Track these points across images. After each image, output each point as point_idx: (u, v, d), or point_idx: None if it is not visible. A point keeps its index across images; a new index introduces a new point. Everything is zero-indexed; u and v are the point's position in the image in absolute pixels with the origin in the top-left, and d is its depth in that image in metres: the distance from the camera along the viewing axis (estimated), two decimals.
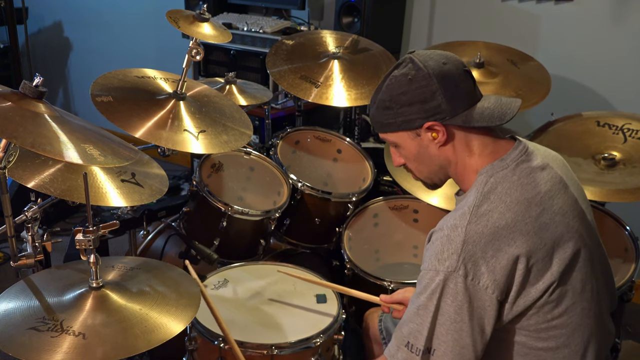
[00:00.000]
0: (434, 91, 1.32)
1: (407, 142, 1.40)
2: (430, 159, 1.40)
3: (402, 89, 1.34)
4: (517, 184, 1.30)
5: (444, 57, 1.35)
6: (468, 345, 1.26)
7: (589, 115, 2.30)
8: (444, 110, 1.32)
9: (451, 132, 1.36)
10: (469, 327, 1.25)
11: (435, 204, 2.22)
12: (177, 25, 1.90)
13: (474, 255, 1.24)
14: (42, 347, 1.20)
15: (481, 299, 1.24)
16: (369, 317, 1.88)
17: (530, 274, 1.26)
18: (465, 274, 1.24)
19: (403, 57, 1.39)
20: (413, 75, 1.33)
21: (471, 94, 1.36)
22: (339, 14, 3.27)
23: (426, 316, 1.27)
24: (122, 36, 4.59)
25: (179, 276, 1.51)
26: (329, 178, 2.63)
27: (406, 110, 1.35)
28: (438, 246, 1.28)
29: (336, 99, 2.47)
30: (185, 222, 2.28)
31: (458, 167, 1.39)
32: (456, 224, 1.27)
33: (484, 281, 1.24)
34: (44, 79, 1.31)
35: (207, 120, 1.87)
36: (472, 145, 1.37)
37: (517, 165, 1.32)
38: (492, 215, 1.26)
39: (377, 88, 1.41)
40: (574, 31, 2.93)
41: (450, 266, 1.24)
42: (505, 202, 1.28)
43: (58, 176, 1.63)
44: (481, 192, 1.30)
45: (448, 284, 1.25)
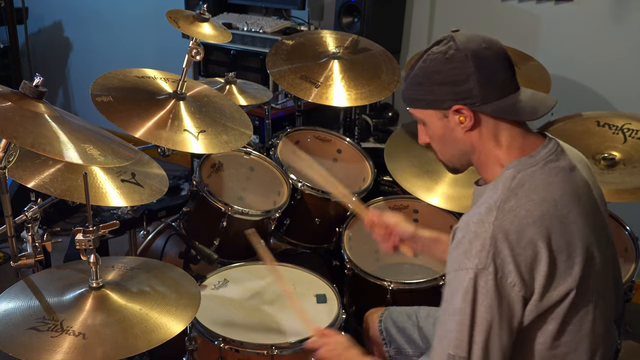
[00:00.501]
0: (468, 74, 1.28)
1: (434, 121, 1.37)
2: (454, 142, 1.37)
3: (437, 67, 1.31)
4: (545, 182, 1.28)
5: (486, 42, 1.31)
6: (496, 345, 1.23)
7: (589, 115, 2.30)
8: (475, 96, 1.29)
9: (479, 118, 1.32)
10: (498, 326, 1.22)
11: (436, 204, 2.22)
12: (177, 25, 1.90)
13: (501, 252, 1.21)
14: (42, 347, 1.20)
15: (509, 297, 1.22)
16: (369, 318, 1.88)
17: (554, 274, 1.23)
18: (495, 271, 1.21)
19: (445, 35, 1.34)
20: (451, 54, 1.29)
21: (507, 84, 1.32)
22: (339, 14, 3.27)
23: (464, 320, 1.22)
24: (122, 36, 4.59)
25: (179, 276, 1.51)
26: None
27: (437, 89, 1.31)
28: (465, 244, 1.24)
29: (336, 99, 2.47)
30: (185, 222, 2.28)
31: (482, 156, 1.36)
32: (482, 220, 1.24)
33: (511, 279, 1.21)
34: (44, 79, 1.31)
35: (207, 120, 1.87)
36: (500, 136, 1.33)
37: (546, 164, 1.30)
38: (519, 212, 1.24)
39: (414, 62, 1.37)
40: (574, 31, 2.93)
41: (480, 263, 1.21)
42: (532, 200, 1.25)
43: (58, 176, 1.63)
44: (508, 187, 1.27)
45: (479, 282, 1.21)
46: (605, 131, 2.23)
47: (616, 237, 2.08)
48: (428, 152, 2.37)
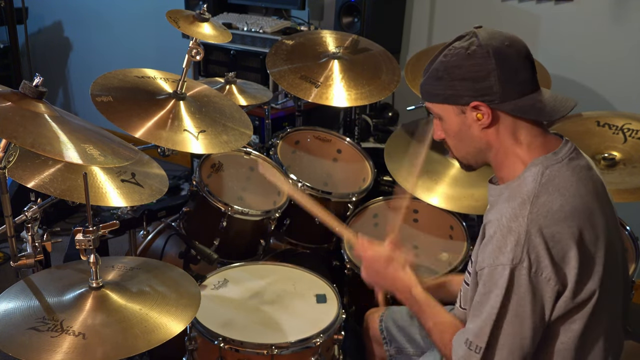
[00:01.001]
0: (489, 71, 1.27)
1: (451, 117, 1.36)
2: (470, 139, 1.36)
3: (458, 62, 1.30)
4: (572, 179, 1.28)
5: (508, 39, 1.30)
6: (529, 337, 1.24)
7: (589, 115, 2.29)
8: (495, 93, 1.28)
9: (497, 116, 1.31)
10: (531, 319, 1.23)
11: (436, 204, 2.22)
12: (177, 25, 1.90)
13: (537, 246, 1.21)
14: (42, 347, 1.20)
15: (543, 290, 1.22)
16: (369, 317, 1.88)
17: (584, 270, 1.23)
18: (530, 266, 1.21)
19: (468, 31, 1.33)
20: (473, 50, 1.28)
21: (527, 83, 1.31)
22: (339, 14, 3.27)
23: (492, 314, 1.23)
24: (122, 36, 4.59)
25: (179, 276, 1.51)
26: (329, 178, 2.63)
27: (457, 84, 1.31)
28: (499, 238, 1.24)
29: (336, 99, 2.47)
30: (185, 222, 2.28)
31: (499, 154, 1.35)
32: (516, 214, 1.24)
33: (547, 273, 1.21)
34: (44, 79, 1.31)
35: (207, 120, 1.87)
36: (520, 135, 1.33)
37: (570, 161, 1.30)
38: (552, 206, 1.24)
39: (434, 56, 1.36)
40: (574, 31, 2.93)
41: (515, 258, 1.21)
42: (563, 195, 1.25)
43: (58, 176, 1.63)
44: (539, 182, 1.27)
45: (514, 277, 1.22)
46: (605, 131, 2.23)
47: None
48: (428, 152, 2.38)
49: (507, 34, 1.32)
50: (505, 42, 1.29)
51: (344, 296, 2.18)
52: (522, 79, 1.31)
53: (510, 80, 1.29)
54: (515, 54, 1.30)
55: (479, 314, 1.27)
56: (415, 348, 1.76)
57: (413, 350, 1.76)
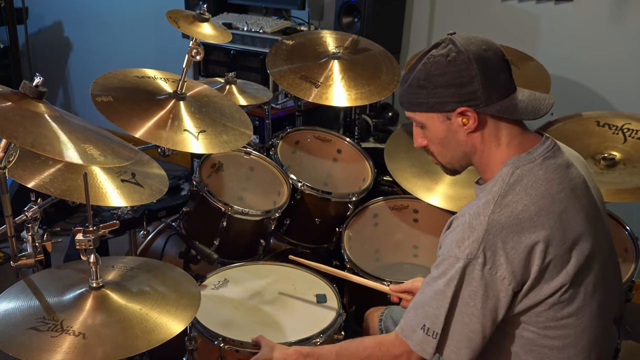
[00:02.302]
0: (472, 76, 1.29)
1: (435, 124, 1.38)
2: (456, 144, 1.38)
3: (440, 69, 1.31)
4: (542, 178, 1.29)
5: (485, 43, 1.33)
6: (477, 330, 1.27)
7: (589, 115, 2.30)
8: (479, 97, 1.30)
9: (482, 120, 1.34)
10: (480, 313, 1.26)
11: (436, 204, 2.22)
12: (177, 25, 1.90)
13: (494, 244, 1.24)
14: (42, 347, 1.20)
15: (496, 289, 1.25)
16: (369, 317, 1.88)
17: (547, 269, 1.26)
18: (484, 263, 1.24)
19: (443, 38, 1.35)
20: (453, 57, 1.30)
21: (507, 85, 1.34)
22: (339, 14, 3.27)
23: (444, 301, 1.28)
24: (122, 36, 4.59)
25: (179, 276, 1.51)
26: (329, 178, 2.63)
27: (441, 92, 1.32)
28: (459, 233, 1.28)
29: (336, 99, 2.47)
30: (185, 222, 2.28)
31: (483, 156, 1.38)
32: (479, 212, 1.27)
33: (501, 272, 1.24)
34: (44, 79, 1.31)
35: (207, 120, 1.87)
36: (501, 136, 1.35)
37: (544, 160, 1.32)
38: (516, 206, 1.26)
39: (412, 66, 1.38)
40: (574, 31, 2.93)
41: (470, 254, 1.25)
42: (530, 194, 1.27)
43: (58, 176, 1.63)
44: (507, 182, 1.29)
45: (466, 271, 1.25)
46: (605, 131, 2.23)
47: (616, 237, 2.08)
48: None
49: (482, 38, 1.35)
50: (483, 46, 1.32)
51: (344, 296, 2.19)
52: (503, 81, 1.33)
53: (493, 83, 1.31)
54: (494, 57, 1.32)
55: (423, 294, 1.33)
56: None
57: None
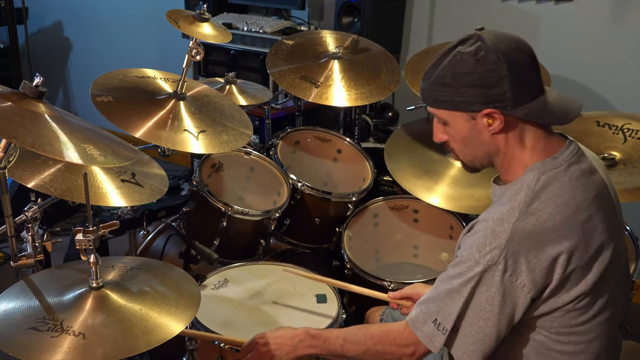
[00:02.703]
0: (501, 77, 1.24)
1: (459, 123, 1.33)
2: (479, 145, 1.34)
3: (468, 68, 1.26)
4: (567, 185, 1.27)
5: (514, 42, 1.28)
6: (492, 334, 1.26)
7: (589, 115, 2.30)
8: (507, 99, 1.26)
9: (508, 122, 1.29)
10: (497, 318, 1.25)
11: (436, 204, 2.22)
12: (177, 25, 1.90)
13: (516, 252, 1.22)
14: (42, 347, 1.20)
15: (515, 296, 1.23)
16: (370, 316, 1.88)
17: (569, 279, 1.24)
18: (504, 270, 1.22)
19: (470, 34, 1.30)
20: (482, 56, 1.25)
21: (536, 86, 1.29)
22: (339, 14, 3.27)
23: (458, 300, 1.26)
24: (122, 36, 4.59)
25: (179, 276, 1.51)
26: (329, 178, 2.63)
27: (467, 91, 1.27)
28: (481, 237, 1.25)
29: (336, 99, 2.47)
30: (185, 222, 2.28)
31: (506, 158, 1.34)
32: (503, 219, 1.24)
33: (522, 279, 1.22)
34: (44, 79, 1.31)
35: (207, 120, 1.87)
36: (525, 138, 1.31)
37: (569, 166, 1.29)
38: (541, 215, 1.23)
39: (436, 61, 1.32)
40: (574, 31, 2.93)
41: (491, 260, 1.22)
42: (555, 202, 1.24)
43: (58, 176, 1.62)
44: (532, 189, 1.26)
45: (485, 276, 1.23)
46: (605, 131, 2.23)
47: None
48: (428, 152, 2.38)
49: (511, 36, 1.30)
50: (512, 45, 1.27)
51: (344, 296, 2.18)
52: (532, 82, 1.29)
53: (521, 85, 1.26)
54: (524, 57, 1.28)
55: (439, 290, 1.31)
56: None
57: None
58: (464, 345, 1.28)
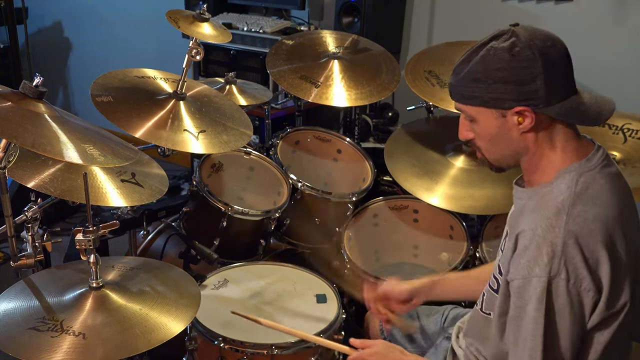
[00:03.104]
0: (535, 74, 1.21)
1: (487, 120, 1.29)
2: (508, 143, 1.30)
3: (501, 64, 1.22)
4: (605, 187, 1.24)
5: (550, 39, 1.24)
6: (568, 348, 1.21)
7: None
8: (540, 97, 1.22)
9: (539, 120, 1.25)
10: (570, 331, 1.20)
11: (436, 204, 2.22)
12: (177, 25, 1.90)
13: (574, 257, 1.18)
14: (42, 347, 1.20)
15: (583, 303, 1.19)
16: (370, 317, 1.88)
17: (617, 281, 1.20)
18: (567, 278, 1.18)
19: (503, 29, 1.26)
20: (517, 52, 1.21)
21: (569, 85, 1.26)
22: (339, 14, 3.27)
23: (538, 328, 1.20)
24: (122, 36, 4.59)
25: (179, 276, 1.51)
26: (329, 178, 2.63)
27: (499, 87, 1.23)
28: (534, 249, 1.20)
29: (336, 99, 2.47)
30: (185, 222, 2.28)
31: (535, 157, 1.30)
32: (552, 224, 1.20)
33: (586, 284, 1.18)
34: (44, 79, 1.31)
35: (207, 120, 1.87)
36: (555, 138, 1.28)
37: (602, 169, 1.26)
38: (588, 216, 1.20)
39: (466, 56, 1.28)
40: (574, 31, 2.93)
41: (553, 270, 1.18)
42: (597, 204, 1.22)
43: (58, 176, 1.63)
44: (574, 191, 1.23)
45: (552, 289, 1.18)
46: (605, 131, 2.22)
47: None
48: (428, 152, 2.38)
49: (546, 32, 1.26)
50: (548, 42, 1.24)
51: (344, 296, 2.18)
52: (565, 81, 1.26)
53: (555, 83, 1.23)
54: (559, 55, 1.25)
55: (519, 329, 1.24)
56: (415, 348, 1.76)
57: (413, 350, 1.75)
58: None
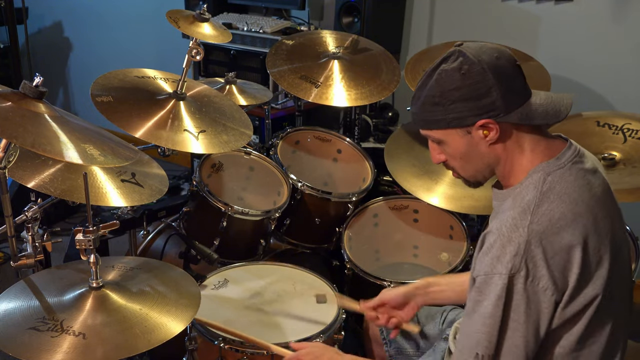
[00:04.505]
0: (489, 87, 1.25)
1: (455, 140, 1.33)
2: (479, 157, 1.34)
3: (455, 84, 1.27)
4: (574, 185, 1.26)
5: (496, 51, 1.29)
6: (520, 345, 1.22)
7: (589, 115, 2.29)
8: (499, 107, 1.26)
9: (504, 129, 1.29)
10: (524, 327, 1.22)
11: (436, 204, 2.22)
12: (177, 25, 1.90)
13: (535, 256, 1.20)
14: (42, 347, 1.20)
15: (539, 301, 1.21)
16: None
17: (585, 277, 1.22)
18: (526, 275, 1.20)
19: (451, 50, 1.31)
20: (466, 69, 1.26)
21: (524, 90, 1.30)
22: (339, 14, 3.27)
23: (494, 324, 1.22)
24: (122, 36, 4.59)
25: (179, 276, 1.51)
26: (329, 178, 2.63)
27: (458, 106, 1.28)
28: (498, 248, 1.23)
29: (336, 99, 2.47)
30: (185, 222, 2.28)
31: (507, 165, 1.33)
32: (517, 224, 1.23)
33: (544, 283, 1.20)
34: (44, 79, 1.31)
35: (207, 120, 1.87)
36: (523, 143, 1.31)
37: (572, 166, 1.29)
38: (553, 215, 1.23)
39: (422, 83, 1.33)
40: (574, 31, 2.93)
41: (514, 267, 1.20)
42: (565, 202, 1.24)
43: (58, 176, 1.62)
44: (540, 190, 1.25)
45: (512, 287, 1.21)
46: (605, 131, 2.22)
47: None
48: (428, 152, 2.37)
49: (491, 46, 1.31)
50: (495, 54, 1.28)
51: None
52: (519, 87, 1.30)
53: (510, 91, 1.27)
54: (508, 64, 1.29)
55: (471, 321, 1.26)
56: (414, 348, 1.76)
57: (413, 350, 1.76)
58: None
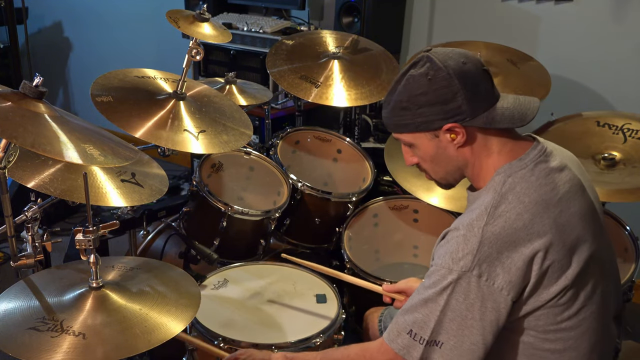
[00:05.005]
0: (455, 92, 1.29)
1: (424, 143, 1.38)
2: (447, 160, 1.38)
3: (422, 89, 1.31)
4: (535, 184, 1.29)
5: (463, 56, 1.32)
6: (478, 342, 1.26)
7: (589, 115, 2.30)
8: (465, 112, 1.30)
9: (471, 133, 1.34)
10: (480, 325, 1.25)
11: (435, 204, 2.22)
12: (177, 25, 1.90)
13: (489, 256, 1.23)
14: (42, 347, 1.20)
15: (495, 300, 1.24)
16: (368, 317, 1.88)
17: (546, 275, 1.25)
18: (480, 274, 1.23)
19: (419, 56, 1.35)
20: (432, 75, 1.30)
21: (490, 94, 1.34)
22: (339, 14, 3.27)
23: (434, 309, 1.26)
24: (122, 36, 4.59)
25: (179, 276, 1.51)
26: (329, 178, 2.63)
27: (425, 111, 1.32)
28: (453, 245, 1.27)
29: (336, 99, 2.47)
30: (185, 222, 2.28)
31: (475, 168, 1.37)
32: (473, 224, 1.27)
33: (499, 282, 1.24)
34: (44, 79, 1.31)
35: (207, 120, 1.87)
36: (491, 145, 1.35)
37: (536, 166, 1.31)
38: (509, 216, 1.25)
39: (392, 88, 1.38)
40: (574, 31, 2.93)
41: (465, 266, 1.24)
42: (523, 202, 1.27)
43: (58, 176, 1.62)
44: (499, 192, 1.29)
45: (460, 283, 1.24)
46: (605, 131, 2.23)
47: (616, 237, 2.08)
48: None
49: (458, 51, 1.34)
50: (461, 60, 1.31)
51: (344, 296, 2.18)
52: (485, 92, 1.33)
53: (476, 95, 1.31)
54: (474, 69, 1.32)
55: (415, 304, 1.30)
56: None
57: None
58: (453, 358, 1.27)
